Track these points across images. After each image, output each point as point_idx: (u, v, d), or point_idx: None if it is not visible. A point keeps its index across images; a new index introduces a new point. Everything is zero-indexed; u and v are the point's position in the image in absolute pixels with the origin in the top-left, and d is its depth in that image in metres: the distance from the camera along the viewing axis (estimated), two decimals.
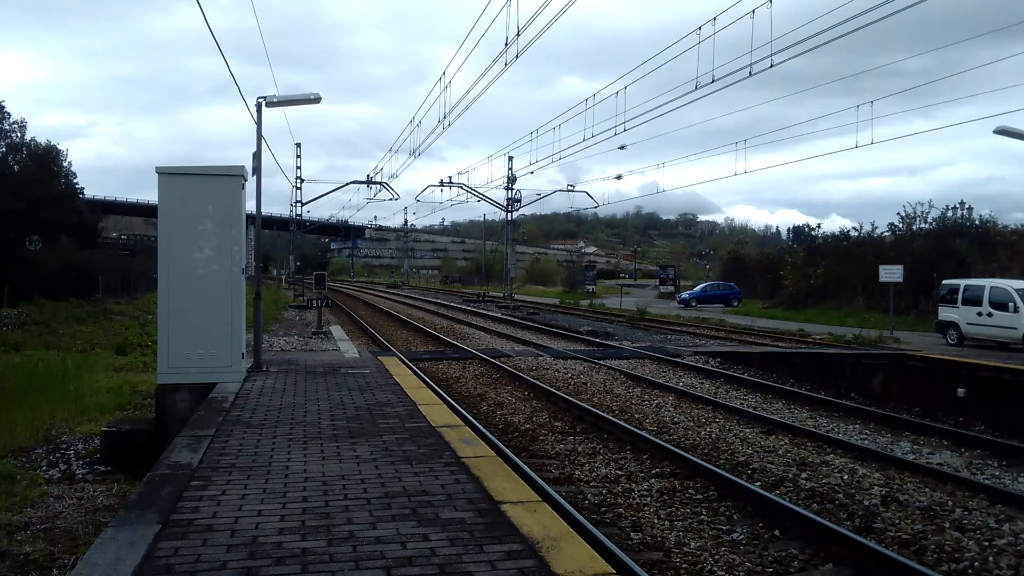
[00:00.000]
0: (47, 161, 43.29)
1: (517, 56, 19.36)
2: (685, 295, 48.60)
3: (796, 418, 12.87)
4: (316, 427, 7.33)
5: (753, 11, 16.89)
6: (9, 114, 41.75)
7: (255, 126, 12.44)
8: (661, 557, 6.51)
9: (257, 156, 11.97)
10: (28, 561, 5.97)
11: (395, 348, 19.99)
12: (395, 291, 73.81)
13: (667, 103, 21.47)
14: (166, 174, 9.73)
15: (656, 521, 7.38)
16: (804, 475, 8.98)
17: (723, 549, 6.70)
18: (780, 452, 10.12)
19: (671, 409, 12.86)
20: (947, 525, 7.33)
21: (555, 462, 9.52)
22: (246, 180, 10.28)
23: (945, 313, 22.43)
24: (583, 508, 7.57)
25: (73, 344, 21.00)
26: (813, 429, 11.73)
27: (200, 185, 9.82)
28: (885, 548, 6.55)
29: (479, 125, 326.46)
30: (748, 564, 6.38)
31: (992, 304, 20.58)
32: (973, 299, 21.23)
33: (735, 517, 7.53)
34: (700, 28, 18.71)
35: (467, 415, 10.80)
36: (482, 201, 47.94)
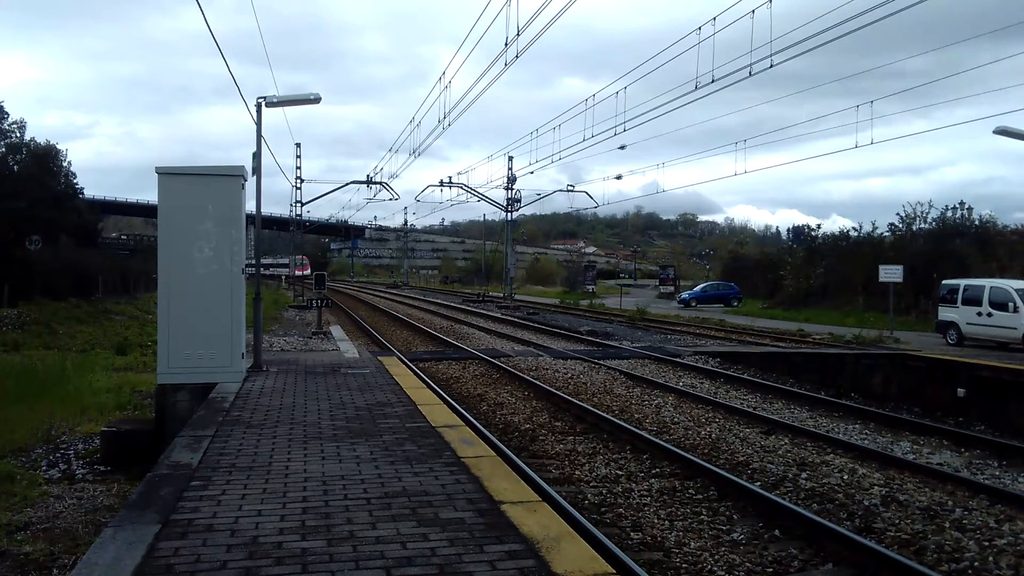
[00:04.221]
0: (47, 161, 43.31)
1: (517, 56, 19.37)
2: (685, 295, 48.59)
3: (796, 418, 12.87)
4: (316, 427, 7.33)
5: (753, 11, 16.90)
6: (8, 114, 41.80)
7: (255, 126, 12.45)
8: (661, 557, 6.51)
9: (257, 156, 11.97)
10: (28, 561, 5.97)
11: (395, 348, 19.99)
12: (395, 291, 73.77)
13: (667, 103, 21.48)
14: (166, 174, 9.73)
15: (656, 521, 7.38)
16: (804, 475, 8.98)
17: (723, 549, 6.70)
18: (780, 452, 10.12)
19: (671, 409, 12.86)
20: (947, 525, 7.33)
21: (555, 462, 9.52)
22: (246, 180, 10.28)
23: (945, 313, 22.42)
24: (583, 508, 7.57)
25: (73, 344, 21.00)
26: (813, 429, 11.73)
27: (200, 185, 9.83)
28: (885, 548, 6.55)
29: (479, 125, 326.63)
30: (748, 564, 6.38)
31: (992, 304, 20.57)
32: (973, 299, 21.23)
33: (735, 517, 7.53)
34: (700, 28, 18.73)
35: (467, 415, 10.79)
36: (482, 201, 48.02)
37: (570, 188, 48.33)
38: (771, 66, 16.91)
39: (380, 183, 45.68)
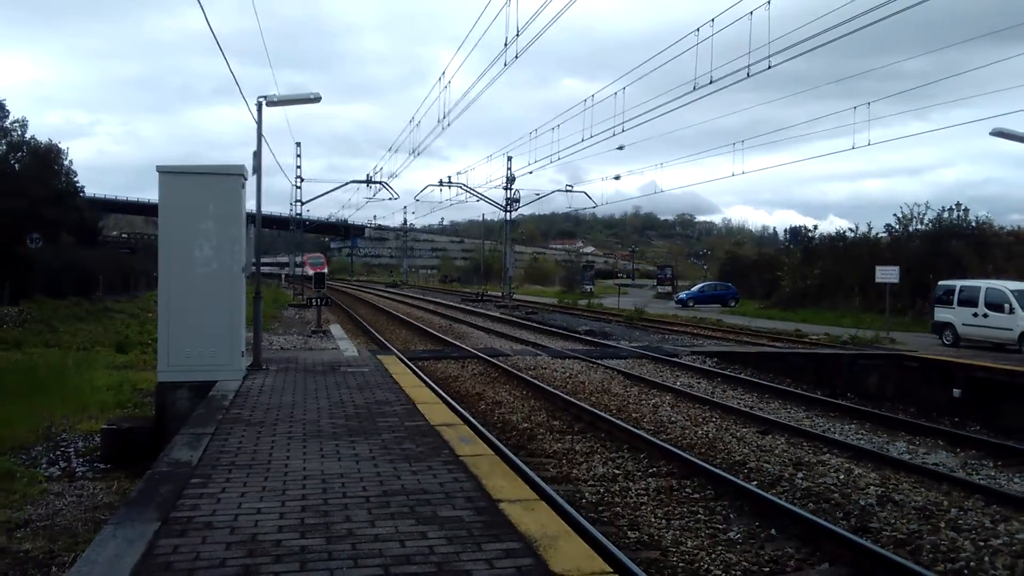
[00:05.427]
0: (48, 159, 43.30)
1: (516, 56, 19.40)
2: (682, 295, 48.60)
3: (792, 418, 12.91)
4: (315, 425, 7.36)
5: (751, 12, 16.92)
6: (9, 112, 41.78)
7: (256, 125, 12.47)
8: (658, 556, 6.55)
9: (257, 155, 11.99)
10: (28, 558, 6.00)
11: (394, 347, 20.00)
12: (394, 290, 73.82)
13: (665, 104, 21.49)
14: (167, 173, 9.76)
15: (653, 520, 7.41)
16: (800, 474, 9.02)
17: (720, 548, 6.74)
18: (776, 451, 10.16)
19: (668, 408, 12.90)
20: (943, 525, 7.37)
21: (553, 461, 9.56)
22: (246, 179, 10.31)
23: (941, 314, 22.47)
24: (581, 507, 7.61)
25: (74, 342, 20.99)
26: (809, 429, 11.77)
27: (201, 184, 9.86)
28: (881, 548, 6.59)
29: (478, 125, 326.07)
30: (744, 563, 6.42)
31: (988, 305, 20.63)
32: (969, 300, 21.28)
33: (732, 516, 7.57)
34: (698, 30, 18.73)
35: (465, 414, 10.82)
36: (481, 201, 48.00)
37: (569, 188, 48.43)
38: (769, 67, 16.94)
39: (380, 182, 45.73)
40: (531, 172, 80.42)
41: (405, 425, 7.49)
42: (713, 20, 18.12)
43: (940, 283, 23.63)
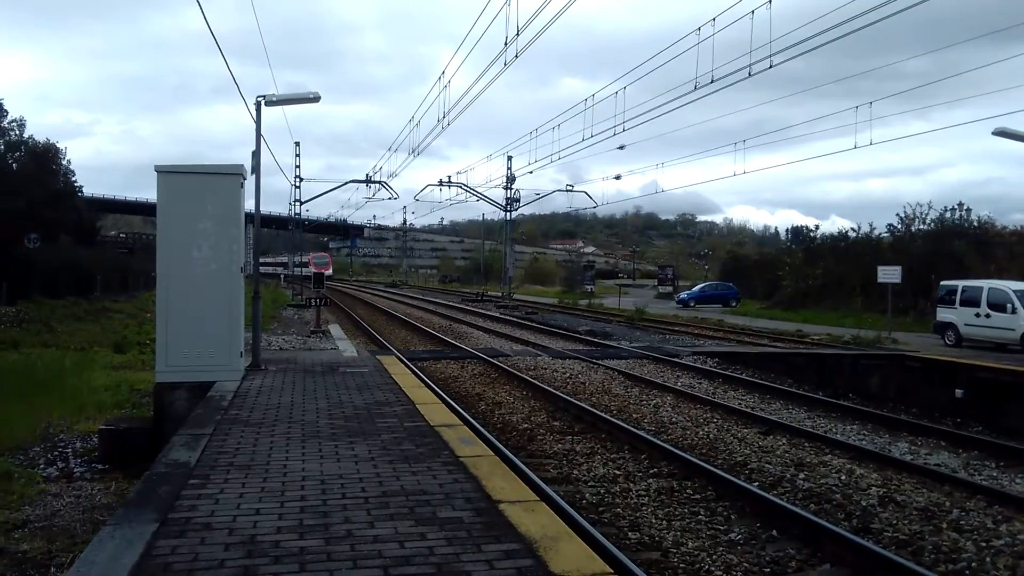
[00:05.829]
0: (46, 159, 43.32)
1: (517, 56, 19.34)
2: (683, 295, 48.56)
3: (794, 418, 12.88)
4: (314, 426, 7.32)
5: (752, 12, 16.89)
6: (7, 112, 41.77)
7: (255, 125, 12.43)
8: (659, 557, 6.52)
9: (256, 155, 11.95)
10: (26, 559, 5.97)
11: (393, 347, 19.98)
12: (394, 290, 73.85)
13: (667, 103, 21.45)
14: (165, 173, 9.74)
15: (654, 521, 7.38)
16: (802, 475, 8.99)
17: (721, 549, 6.71)
18: (778, 452, 10.13)
19: (669, 409, 12.87)
20: (944, 526, 7.35)
21: (553, 461, 9.53)
22: (245, 179, 10.28)
23: (943, 314, 22.45)
24: (581, 508, 7.58)
25: (71, 342, 20.96)
26: (811, 429, 11.74)
27: (199, 184, 9.83)
28: (883, 548, 6.56)
29: (478, 125, 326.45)
30: (746, 564, 6.39)
31: (990, 305, 20.60)
32: (971, 300, 21.25)
33: (733, 517, 7.54)
34: (699, 29, 18.71)
35: (465, 414, 10.79)
36: (481, 200, 47.94)
37: (569, 188, 48.37)
38: (771, 66, 16.92)
39: (379, 182, 45.67)
40: (531, 172, 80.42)
41: (405, 426, 7.45)
42: (714, 19, 18.11)
43: (942, 283, 23.59)
